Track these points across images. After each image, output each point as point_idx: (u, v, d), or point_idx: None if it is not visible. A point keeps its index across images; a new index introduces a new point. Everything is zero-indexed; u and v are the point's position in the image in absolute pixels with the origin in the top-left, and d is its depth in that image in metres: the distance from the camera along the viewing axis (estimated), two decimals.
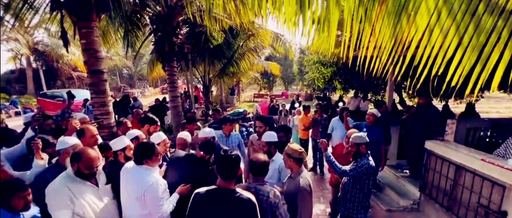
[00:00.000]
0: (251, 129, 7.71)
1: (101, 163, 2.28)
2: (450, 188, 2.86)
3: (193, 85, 11.92)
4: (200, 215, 1.70)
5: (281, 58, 24.11)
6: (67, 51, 4.51)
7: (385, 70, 1.81)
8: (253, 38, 9.21)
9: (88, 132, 2.64)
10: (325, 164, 5.21)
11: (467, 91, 1.47)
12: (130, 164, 2.08)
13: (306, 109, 5.97)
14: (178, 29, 6.79)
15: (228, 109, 15.01)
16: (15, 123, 8.45)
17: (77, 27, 3.85)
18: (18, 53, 16.13)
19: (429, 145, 3.25)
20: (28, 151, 2.64)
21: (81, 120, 3.52)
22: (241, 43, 9.50)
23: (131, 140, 2.59)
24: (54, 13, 4.00)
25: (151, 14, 6.55)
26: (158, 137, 2.82)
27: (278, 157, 2.58)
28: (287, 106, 8.69)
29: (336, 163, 2.66)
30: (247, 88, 31.68)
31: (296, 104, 9.15)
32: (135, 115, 5.37)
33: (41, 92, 14.25)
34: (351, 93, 9.44)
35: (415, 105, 4.76)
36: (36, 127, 3.76)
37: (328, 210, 3.89)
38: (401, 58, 1.70)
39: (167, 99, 9.45)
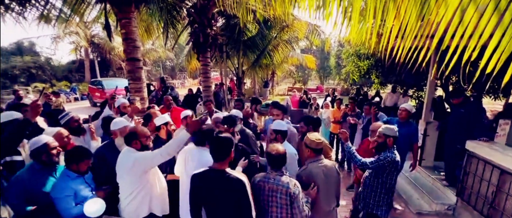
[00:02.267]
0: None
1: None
2: (492, 194, 2.53)
3: (227, 77, 12.22)
4: (197, 195, 1.82)
5: (318, 51, 23.36)
6: (110, 40, 4.96)
7: (424, 63, 1.62)
8: (287, 30, 9.04)
9: (154, 116, 3.07)
10: None
11: (506, 77, 1.26)
12: (191, 146, 2.32)
13: (337, 101, 5.76)
14: (213, 21, 6.98)
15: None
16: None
17: (118, 18, 4.22)
18: (78, 45, 18.26)
19: (471, 145, 2.90)
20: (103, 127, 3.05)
21: (122, 105, 3.87)
22: (275, 35, 9.40)
23: (183, 119, 3.22)
24: (101, 6, 4.45)
25: (188, 6, 6.81)
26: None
27: (286, 148, 2.53)
28: (320, 101, 8.43)
29: (356, 154, 2.53)
30: (282, 82, 31.40)
31: (328, 98, 8.84)
32: (165, 102, 5.77)
33: (91, 80, 15.99)
34: (389, 88, 8.79)
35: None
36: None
37: (351, 206, 3.74)
38: (427, 42, 1.54)
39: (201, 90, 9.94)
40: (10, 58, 16.55)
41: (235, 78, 16.46)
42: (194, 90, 10.94)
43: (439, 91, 7.13)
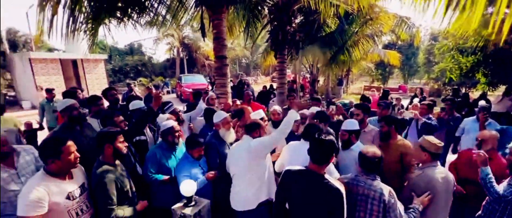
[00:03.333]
0: None
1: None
2: None
3: (301, 74, 12.20)
4: (288, 192, 1.77)
5: (404, 46, 20.77)
6: (204, 40, 5.62)
7: None
8: (371, 23, 8.36)
9: (246, 111, 3.35)
10: None
11: None
12: (295, 142, 2.51)
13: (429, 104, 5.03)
14: (293, 18, 7.07)
15: (333, 100, 14.51)
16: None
17: (211, 19, 4.75)
18: (172, 46, 21.33)
19: None
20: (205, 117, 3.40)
21: (210, 97, 4.36)
22: (356, 30, 8.82)
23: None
24: (197, 9, 5.09)
25: (270, 4, 7.07)
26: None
27: (358, 147, 2.40)
28: (404, 102, 7.53)
29: (494, 184, 1.99)
30: (357, 80, 29.22)
31: (416, 99, 7.77)
32: (245, 96, 6.19)
33: (178, 76, 18.46)
34: (500, 90, 7.11)
35: None
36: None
37: None
38: None
39: (274, 87, 10.23)
40: (125, 57, 20.71)
41: (308, 75, 16.24)
42: (267, 87, 11.36)
43: None
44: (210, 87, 11.92)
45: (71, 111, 2.52)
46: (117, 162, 2.05)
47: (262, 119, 2.99)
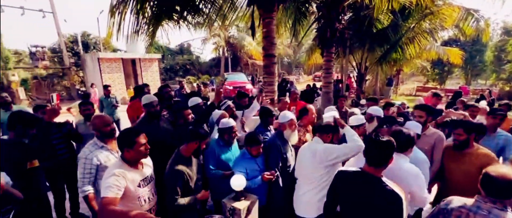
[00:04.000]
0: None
1: None
2: None
3: (346, 73, 11.70)
4: (341, 195, 1.69)
5: (467, 43, 18.46)
6: (253, 39, 5.77)
7: None
8: (430, 18, 7.63)
9: (310, 111, 3.25)
10: None
11: None
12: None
13: (504, 106, 4.42)
14: (342, 15, 6.84)
15: (381, 101, 13.62)
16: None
17: (262, 18, 4.86)
18: (218, 45, 22.30)
19: None
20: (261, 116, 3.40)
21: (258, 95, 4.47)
22: (413, 25, 8.14)
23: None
24: (248, 8, 5.25)
25: (319, 1, 6.94)
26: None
27: (414, 153, 2.06)
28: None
29: None
30: (408, 80, 26.84)
31: (483, 102, 6.78)
32: (292, 95, 6.18)
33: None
34: None
35: None
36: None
37: None
38: None
39: (317, 86, 10.00)
40: (175, 57, 22.34)
41: (354, 74, 15.47)
42: (311, 86, 11.16)
43: None
44: (250, 86, 12.46)
45: (150, 107, 2.84)
46: (194, 158, 2.26)
47: (291, 121, 2.72)
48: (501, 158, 2.73)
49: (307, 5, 7.12)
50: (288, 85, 11.51)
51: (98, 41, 17.42)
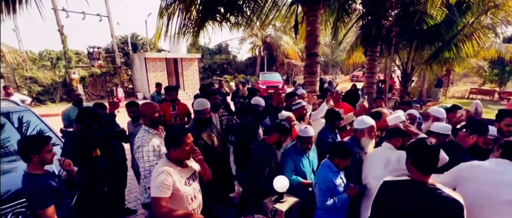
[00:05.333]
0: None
1: None
2: None
3: (390, 73, 10.99)
4: (386, 207, 1.56)
5: None
6: (296, 38, 5.73)
7: None
8: (493, 12, 6.83)
9: (384, 115, 3.10)
10: None
11: None
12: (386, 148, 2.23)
13: None
14: (389, 11, 6.46)
15: (428, 104, 12.49)
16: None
17: (306, 16, 4.80)
18: (255, 45, 22.54)
19: None
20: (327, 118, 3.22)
21: (302, 95, 4.21)
22: (472, 20, 7.36)
23: None
24: (292, 7, 5.22)
25: None
26: None
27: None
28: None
29: None
30: (460, 81, 24.20)
31: None
32: (335, 96, 5.97)
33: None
34: None
35: None
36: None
37: None
38: None
39: (358, 87, 9.52)
40: (214, 56, 23.13)
41: (397, 74, 14.45)
42: (342, 87, 10.66)
43: None
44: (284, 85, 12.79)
45: (201, 114, 2.82)
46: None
47: (371, 128, 2.55)
48: None
49: (351, 1, 6.84)
50: (327, 85, 11.16)
51: (145, 42, 18.76)
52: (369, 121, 2.50)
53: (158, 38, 5.75)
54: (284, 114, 2.96)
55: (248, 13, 5.64)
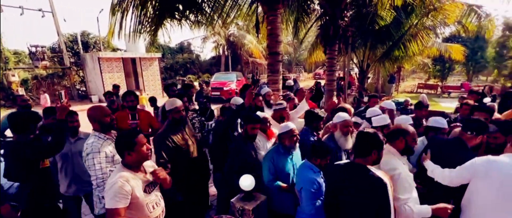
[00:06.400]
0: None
1: None
2: None
3: (348, 71, 11.65)
4: (333, 185, 1.82)
5: (469, 39, 18.41)
6: (258, 37, 5.72)
7: None
8: (433, 14, 7.59)
9: (349, 110, 3.25)
10: None
11: None
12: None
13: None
14: (345, 12, 6.79)
15: (383, 99, 13.57)
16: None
17: (266, 16, 4.81)
18: (218, 44, 22.19)
19: None
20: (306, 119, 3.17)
21: (268, 93, 4.18)
22: (416, 22, 8.10)
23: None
24: (252, 6, 5.19)
25: None
26: None
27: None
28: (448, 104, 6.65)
29: None
30: (409, 77, 26.80)
31: (487, 99, 6.69)
32: (299, 93, 6.11)
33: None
34: None
35: None
36: None
37: None
38: None
39: (322, 84, 9.95)
40: (175, 55, 22.27)
41: (353, 72, 15.41)
42: (305, 84, 11.08)
43: None
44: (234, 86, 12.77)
45: (175, 112, 2.60)
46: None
47: (345, 122, 2.61)
48: None
49: (309, 2, 7.05)
50: (292, 83, 11.40)
51: (98, 40, 17.33)
52: (343, 116, 2.56)
53: (111, 37, 5.32)
54: (260, 115, 2.90)
55: (208, 11, 5.49)
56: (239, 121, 3.20)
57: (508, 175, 1.65)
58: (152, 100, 6.07)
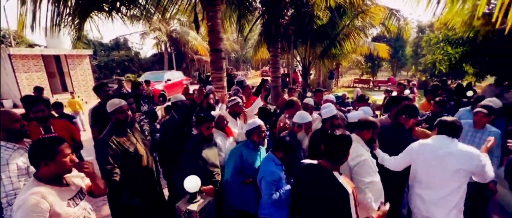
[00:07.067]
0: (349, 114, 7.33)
1: None
2: None
3: (292, 68, 12.16)
4: (298, 185, 1.81)
5: (392, 39, 21.13)
6: (197, 33, 5.48)
7: None
8: (362, 16, 8.40)
9: (296, 103, 3.28)
10: None
11: None
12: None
13: (428, 95, 5.04)
14: (285, 11, 6.99)
15: (325, 93, 14.64)
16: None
17: (205, 11, 4.62)
18: (159, 40, 20.77)
19: None
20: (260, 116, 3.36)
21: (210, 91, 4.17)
22: (348, 22, 8.85)
23: None
24: (190, 1, 4.92)
25: None
26: None
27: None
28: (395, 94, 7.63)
29: None
30: (346, 73, 29.63)
31: (407, 91, 7.83)
32: (245, 90, 6.08)
33: None
34: (488, 81, 7.33)
35: None
36: None
37: None
38: None
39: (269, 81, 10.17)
40: (110, 53, 20.07)
41: (299, 69, 16.18)
42: (253, 81, 11.27)
43: None
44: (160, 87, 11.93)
45: (120, 113, 2.36)
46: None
47: (309, 123, 2.77)
48: None
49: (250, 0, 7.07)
50: (243, 78, 11.38)
51: (8, 34, 14.50)
52: (308, 117, 2.66)
53: (21, 30, 4.46)
54: (216, 113, 2.91)
55: (143, 4, 5.03)
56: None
57: (430, 154, 2.03)
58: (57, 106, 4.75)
